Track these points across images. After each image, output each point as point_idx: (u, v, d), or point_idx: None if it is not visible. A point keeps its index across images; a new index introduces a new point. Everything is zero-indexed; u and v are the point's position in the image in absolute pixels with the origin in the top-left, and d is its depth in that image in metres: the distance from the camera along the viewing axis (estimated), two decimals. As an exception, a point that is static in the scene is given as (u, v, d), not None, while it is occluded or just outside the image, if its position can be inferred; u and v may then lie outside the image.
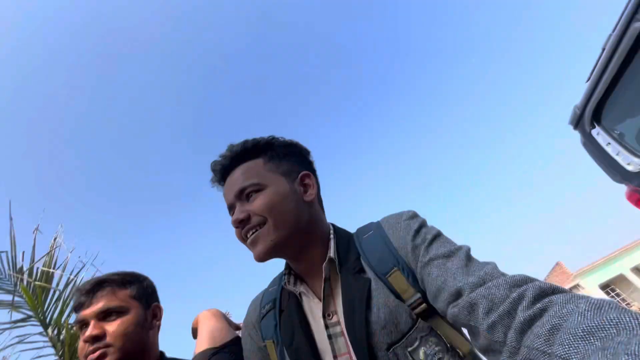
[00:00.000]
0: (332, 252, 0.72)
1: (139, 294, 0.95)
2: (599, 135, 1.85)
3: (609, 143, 1.79)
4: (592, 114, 1.83)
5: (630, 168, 1.69)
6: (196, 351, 0.83)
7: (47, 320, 2.28)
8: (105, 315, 0.87)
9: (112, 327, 0.86)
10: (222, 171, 0.78)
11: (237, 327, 0.99)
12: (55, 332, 2.24)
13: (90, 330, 0.84)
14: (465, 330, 0.59)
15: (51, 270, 2.41)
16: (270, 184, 0.72)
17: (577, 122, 1.97)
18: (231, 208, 0.76)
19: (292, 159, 0.79)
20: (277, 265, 0.87)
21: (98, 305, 0.88)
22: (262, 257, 0.70)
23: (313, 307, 0.72)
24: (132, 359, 0.87)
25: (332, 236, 0.76)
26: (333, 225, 0.81)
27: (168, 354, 1.02)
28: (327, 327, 0.67)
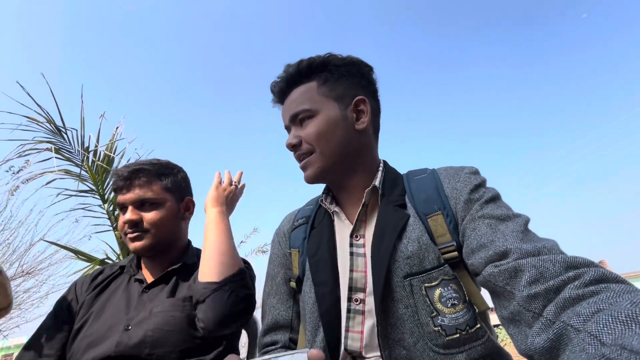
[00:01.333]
0: (377, 182, 0.72)
1: (173, 187, 0.99)
2: None
3: None
4: None
5: None
6: (200, 275, 0.82)
7: (105, 197, 2.60)
8: (141, 204, 0.93)
9: (147, 215, 0.92)
10: (280, 93, 0.80)
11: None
12: (111, 207, 2.56)
13: (129, 215, 0.91)
14: (489, 293, 0.56)
15: (112, 154, 2.67)
16: (322, 109, 0.72)
17: None
18: (287, 129, 0.79)
19: (348, 80, 0.76)
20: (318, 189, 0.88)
21: (135, 193, 0.92)
22: (310, 181, 0.75)
23: (342, 228, 0.74)
24: (164, 244, 0.95)
25: (381, 168, 0.76)
26: (384, 161, 0.80)
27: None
28: (351, 245, 0.69)
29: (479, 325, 0.58)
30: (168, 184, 0.98)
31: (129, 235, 0.92)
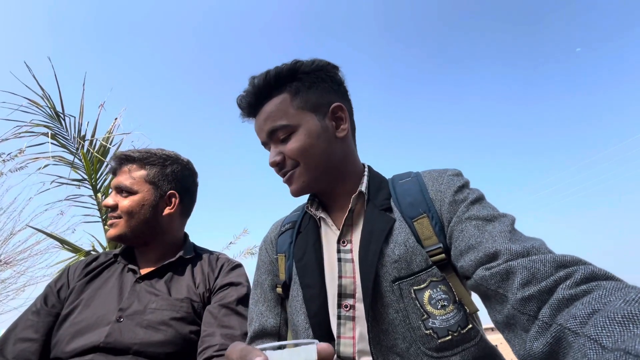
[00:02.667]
0: (363, 187, 0.72)
1: (156, 178, 0.97)
2: None
3: None
4: None
5: None
6: None
7: (98, 187, 2.55)
8: (120, 190, 0.94)
9: (122, 202, 0.93)
10: (249, 108, 0.76)
11: None
12: (103, 198, 2.51)
13: (107, 199, 0.93)
14: (480, 297, 0.56)
15: (108, 145, 2.63)
16: (301, 123, 0.70)
17: None
18: (265, 145, 0.77)
19: (320, 86, 0.73)
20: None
21: (117, 179, 0.95)
22: (296, 195, 0.74)
23: (329, 233, 0.74)
24: (138, 235, 0.94)
25: (365, 173, 0.76)
26: (369, 166, 0.81)
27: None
28: (339, 251, 0.69)
29: (470, 326, 0.58)
30: (150, 175, 0.97)
31: (109, 221, 0.94)
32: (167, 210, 0.98)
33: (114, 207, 0.93)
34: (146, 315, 0.80)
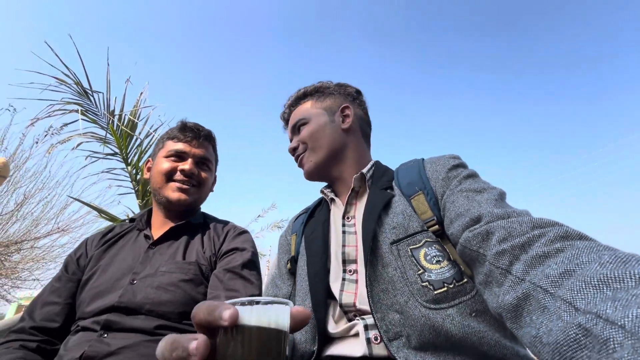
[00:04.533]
0: (365, 170, 0.81)
1: (216, 156, 1.15)
2: None
3: None
4: None
5: None
6: None
7: (129, 160, 2.68)
8: (202, 162, 1.03)
9: (202, 173, 1.04)
10: (287, 116, 0.98)
11: None
12: (134, 171, 2.65)
13: (190, 165, 1.00)
14: (468, 265, 0.58)
15: (135, 120, 2.73)
16: (313, 117, 0.89)
17: None
18: (291, 141, 0.94)
19: (336, 96, 0.93)
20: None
21: (202, 150, 1.04)
22: (309, 176, 0.89)
23: (337, 212, 0.84)
24: (198, 204, 1.07)
25: (371, 164, 0.85)
26: (377, 160, 0.89)
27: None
28: (343, 225, 0.77)
29: (465, 280, 0.59)
30: (216, 155, 1.13)
31: (182, 185, 0.99)
32: (212, 189, 1.16)
33: (195, 174, 1.02)
34: (157, 277, 0.85)
